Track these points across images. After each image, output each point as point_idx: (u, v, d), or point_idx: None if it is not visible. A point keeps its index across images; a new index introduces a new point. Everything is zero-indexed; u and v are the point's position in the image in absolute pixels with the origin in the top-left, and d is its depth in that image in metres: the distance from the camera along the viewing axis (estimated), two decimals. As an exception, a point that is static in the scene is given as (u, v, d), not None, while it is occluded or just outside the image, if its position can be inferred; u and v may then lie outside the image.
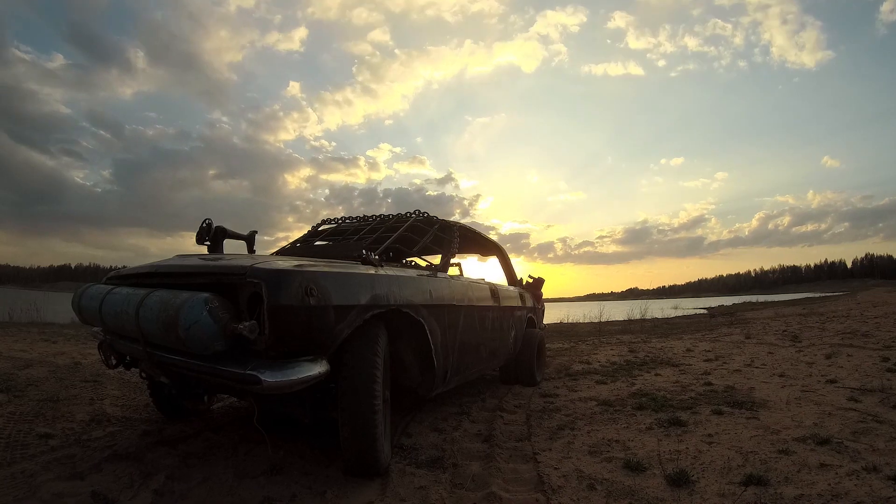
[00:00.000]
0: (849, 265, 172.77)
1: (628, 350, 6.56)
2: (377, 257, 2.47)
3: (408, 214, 3.31)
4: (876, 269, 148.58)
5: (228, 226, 2.71)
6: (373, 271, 2.19)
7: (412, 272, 2.58)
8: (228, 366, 1.70)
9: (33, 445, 2.26)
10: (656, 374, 4.59)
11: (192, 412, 2.85)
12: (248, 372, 1.64)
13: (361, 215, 3.56)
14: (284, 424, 2.62)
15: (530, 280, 4.79)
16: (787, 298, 36.45)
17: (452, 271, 3.26)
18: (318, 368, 1.76)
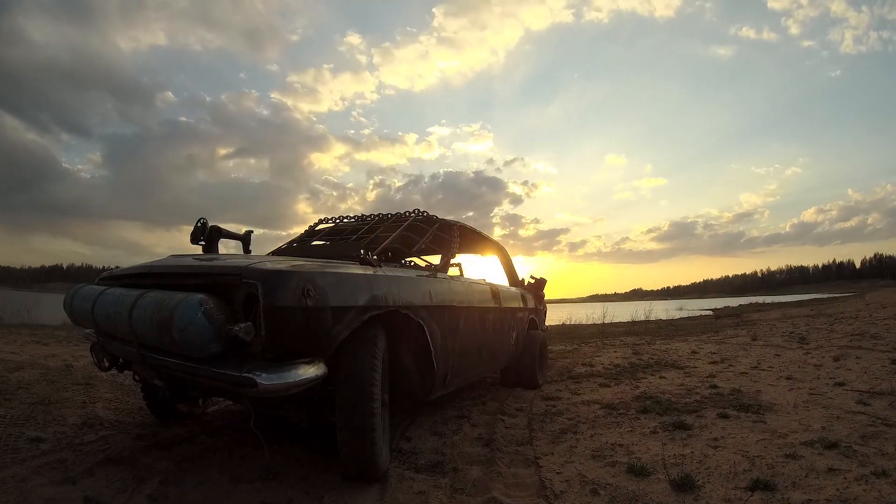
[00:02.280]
0: (857, 265, 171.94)
1: (632, 352, 6.50)
2: (376, 257, 2.43)
3: (407, 214, 3.28)
4: (885, 270, 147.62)
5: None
6: (371, 272, 2.15)
7: (411, 273, 2.55)
8: (224, 368, 1.67)
9: (24, 449, 2.23)
10: (661, 377, 4.54)
11: (187, 415, 2.83)
12: (244, 374, 1.61)
13: (360, 214, 3.54)
14: (281, 428, 2.59)
15: (532, 280, 4.75)
16: (794, 299, 36.18)
17: (452, 272, 3.23)
18: (315, 371, 1.73)
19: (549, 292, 5.02)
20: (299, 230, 3.57)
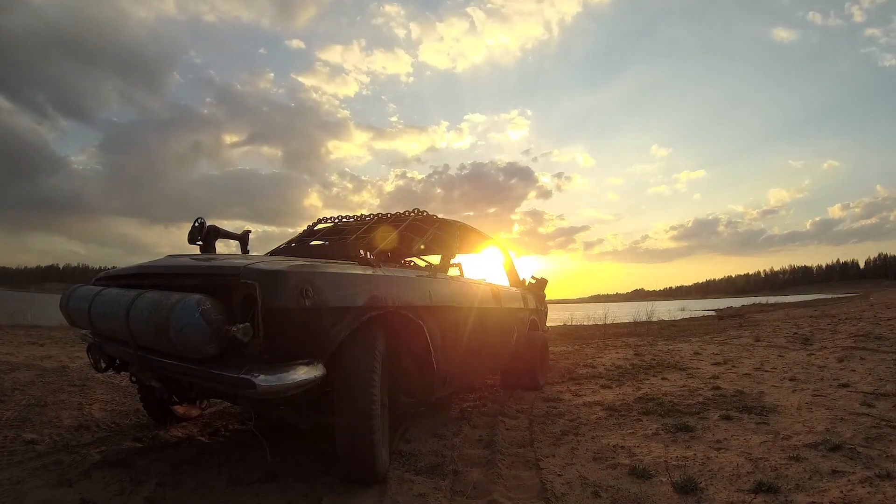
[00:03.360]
0: (861, 265, 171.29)
1: (634, 353, 6.47)
2: (375, 257, 2.42)
3: (407, 213, 3.27)
4: (890, 270, 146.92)
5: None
6: (370, 272, 2.14)
7: (411, 273, 2.53)
8: (222, 369, 1.66)
9: (20, 452, 2.22)
10: (663, 378, 4.52)
11: (184, 417, 2.82)
12: (242, 376, 1.60)
13: (359, 214, 3.53)
14: (280, 430, 2.57)
15: (533, 281, 4.73)
16: (797, 300, 36.04)
17: (452, 272, 3.21)
18: (314, 372, 1.71)
19: (551, 292, 5.01)
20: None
